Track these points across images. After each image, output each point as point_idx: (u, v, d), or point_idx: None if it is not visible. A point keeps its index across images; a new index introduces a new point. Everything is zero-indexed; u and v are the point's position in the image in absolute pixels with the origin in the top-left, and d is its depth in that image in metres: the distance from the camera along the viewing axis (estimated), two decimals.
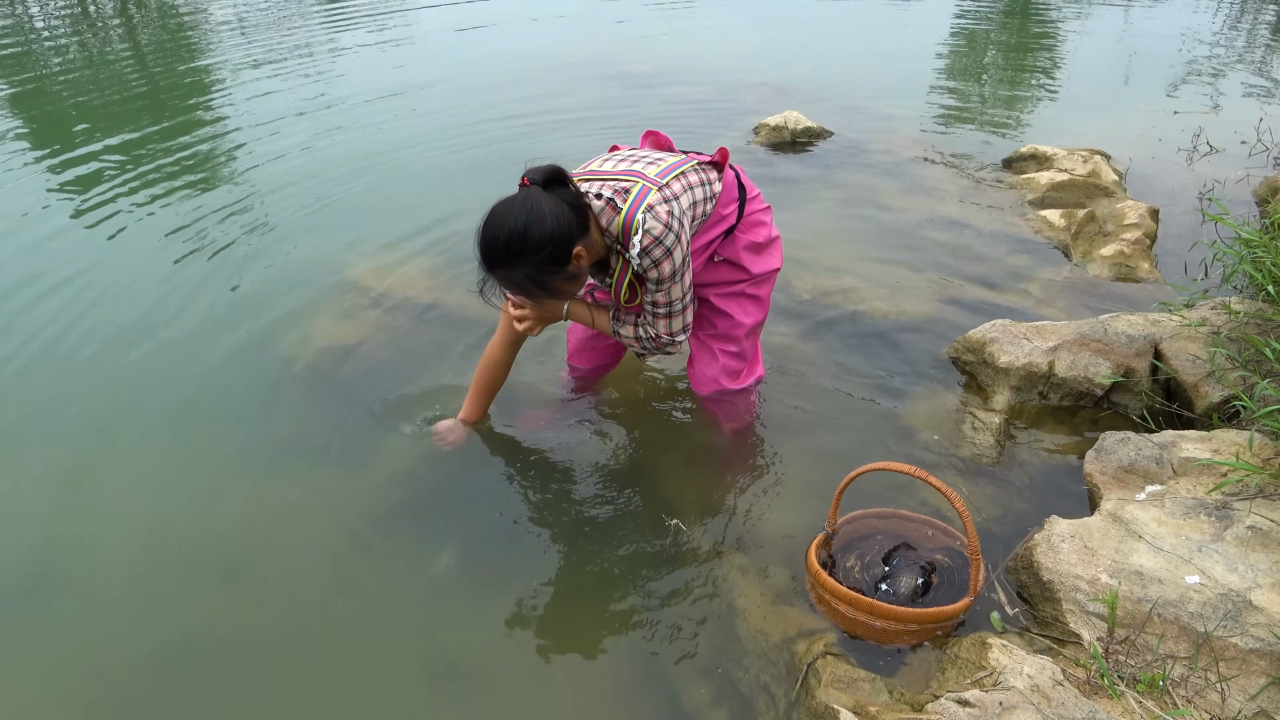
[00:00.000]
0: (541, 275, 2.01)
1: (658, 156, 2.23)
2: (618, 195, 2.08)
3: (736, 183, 2.35)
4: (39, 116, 6.10)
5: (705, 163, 2.27)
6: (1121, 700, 1.69)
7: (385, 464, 2.61)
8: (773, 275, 2.51)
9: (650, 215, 2.04)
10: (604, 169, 2.19)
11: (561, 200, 1.99)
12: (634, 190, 2.08)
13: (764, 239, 2.43)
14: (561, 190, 2.02)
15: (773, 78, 6.68)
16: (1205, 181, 4.52)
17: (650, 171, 2.13)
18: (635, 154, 2.26)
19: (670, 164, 2.18)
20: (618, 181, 2.12)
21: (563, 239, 1.97)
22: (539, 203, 1.94)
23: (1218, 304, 2.83)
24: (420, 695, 1.96)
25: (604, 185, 2.11)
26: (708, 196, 2.24)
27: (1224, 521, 1.99)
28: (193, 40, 8.52)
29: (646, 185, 2.09)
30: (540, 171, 2.01)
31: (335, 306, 3.43)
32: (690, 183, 2.18)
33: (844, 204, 4.37)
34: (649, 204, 2.05)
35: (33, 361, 3.12)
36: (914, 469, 1.91)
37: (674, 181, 2.14)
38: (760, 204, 2.43)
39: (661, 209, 2.05)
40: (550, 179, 2.01)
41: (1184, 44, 7.64)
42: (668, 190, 2.10)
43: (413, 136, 5.48)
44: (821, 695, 1.78)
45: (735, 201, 2.35)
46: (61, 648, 2.07)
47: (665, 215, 2.04)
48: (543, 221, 1.93)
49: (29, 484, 2.56)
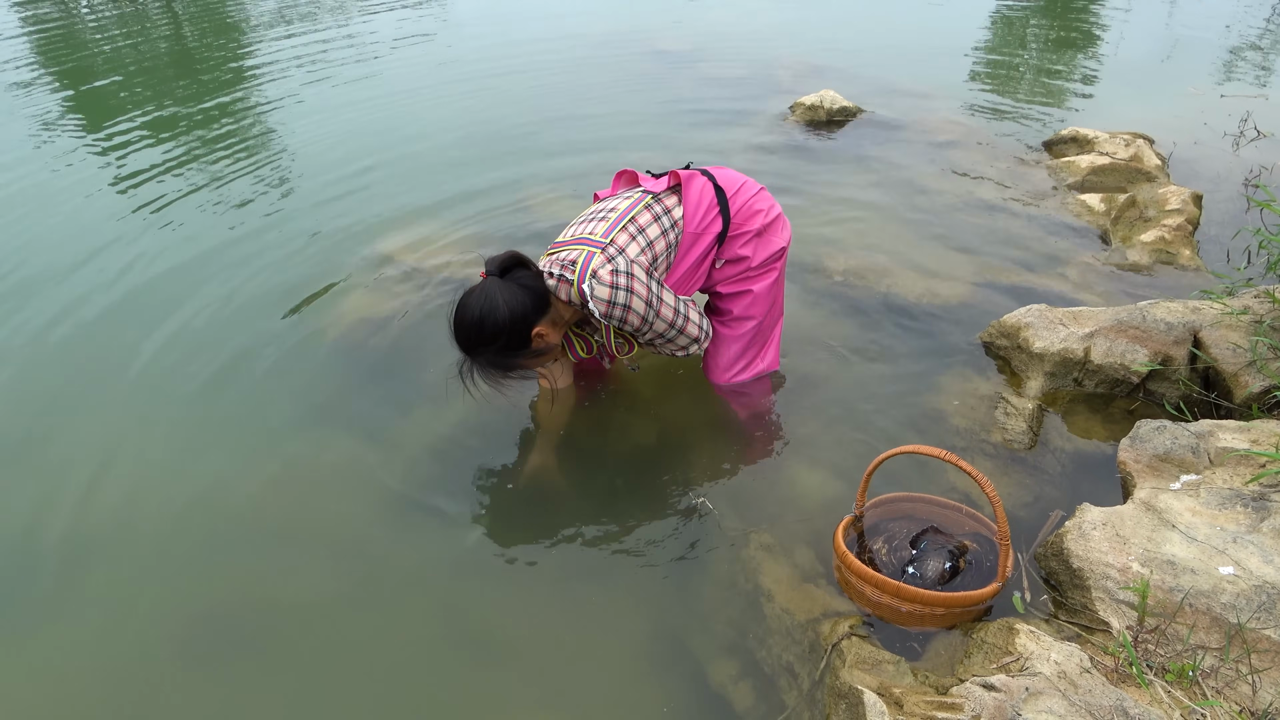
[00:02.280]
0: (504, 359, 2.18)
1: (611, 208, 2.32)
2: (564, 269, 2.20)
3: (712, 189, 2.38)
4: (85, 108, 6.18)
5: (661, 193, 2.36)
6: (1150, 689, 1.67)
7: (416, 437, 2.63)
8: (780, 254, 2.53)
9: (595, 282, 2.15)
10: (563, 239, 2.32)
11: (518, 286, 2.14)
12: (580, 260, 2.19)
13: (760, 225, 2.45)
14: (520, 274, 2.16)
15: (809, 56, 6.61)
16: (1251, 167, 4.42)
17: (597, 232, 2.25)
18: (592, 211, 2.37)
19: (620, 213, 2.28)
20: (565, 253, 2.23)
21: (517, 323, 2.12)
22: (493, 294, 2.10)
23: (1261, 292, 2.77)
24: (449, 664, 1.99)
25: (554, 262, 2.22)
26: (667, 228, 2.32)
27: (1261, 513, 1.96)
28: (231, 18, 8.57)
29: (590, 250, 2.19)
30: (496, 262, 2.17)
31: (368, 280, 3.46)
32: (640, 225, 2.27)
33: (879, 184, 4.32)
34: (593, 269, 2.17)
35: (66, 335, 3.19)
36: (945, 453, 1.89)
37: (619, 235, 2.23)
38: (749, 192, 2.46)
39: (604, 271, 2.16)
40: (506, 265, 2.16)
41: (1233, 25, 7.44)
42: (612, 248, 2.20)
43: (444, 113, 5.49)
44: (845, 676, 1.78)
45: (715, 208, 2.38)
46: (99, 615, 2.12)
47: (609, 276, 2.16)
48: (495, 312, 2.09)
49: (67, 455, 2.62)
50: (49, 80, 6.37)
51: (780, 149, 4.81)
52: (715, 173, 2.43)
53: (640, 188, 2.42)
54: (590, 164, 4.43)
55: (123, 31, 7.81)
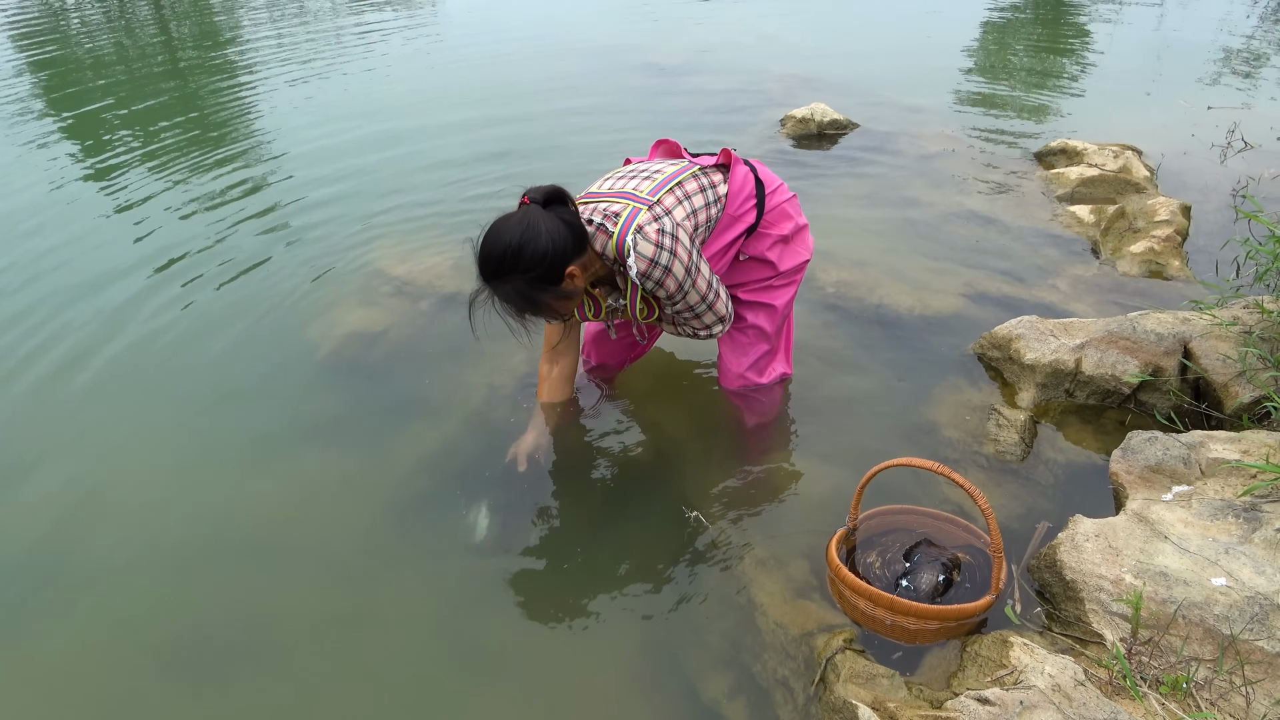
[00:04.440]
0: (533, 291, 2.04)
1: (656, 169, 2.23)
2: (607, 220, 2.10)
3: (753, 179, 2.34)
4: (68, 105, 6.17)
5: (709, 166, 2.27)
6: (1144, 702, 1.67)
7: (409, 451, 2.62)
8: (802, 267, 2.50)
9: (640, 237, 2.06)
10: (600, 190, 2.22)
11: (559, 219, 2.02)
12: (623, 213, 2.09)
13: (790, 230, 2.42)
14: (560, 209, 2.05)
15: (800, 69, 6.64)
16: (1239, 178, 4.45)
17: (643, 189, 2.15)
18: (635, 169, 2.26)
19: (667, 176, 2.19)
20: (608, 204, 2.14)
21: (556, 257, 2.00)
22: (536, 220, 1.98)
23: (1250, 303, 2.79)
24: (440, 679, 1.98)
25: (594, 210, 2.13)
26: (711, 201, 2.24)
27: (1252, 524, 1.97)
28: (220, 23, 8.57)
29: (636, 206, 2.10)
30: (541, 191, 2.05)
31: (359, 293, 3.45)
32: (688, 191, 2.19)
33: (870, 197, 4.34)
34: (638, 224, 2.07)
35: (54, 347, 3.17)
36: (937, 465, 1.90)
37: (666, 196, 2.14)
38: (784, 195, 2.42)
39: (651, 228, 2.06)
40: (550, 198, 2.05)
41: (1219, 37, 7.50)
42: (659, 207, 2.11)
43: (434, 124, 5.50)
44: (840, 690, 1.77)
45: (752, 199, 2.33)
46: (89, 630, 2.11)
47: (655, 234, 2.06)
48: (537, 239, 1.97)
49: (59, 469, 2.60)
50: (28, 73, 6.37)
51: (771, 162, 4.81)
52: (756, 165, 2.39)
53: (684, 159, 2.34)
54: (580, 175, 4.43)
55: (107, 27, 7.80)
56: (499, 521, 2.35)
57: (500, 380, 2.87)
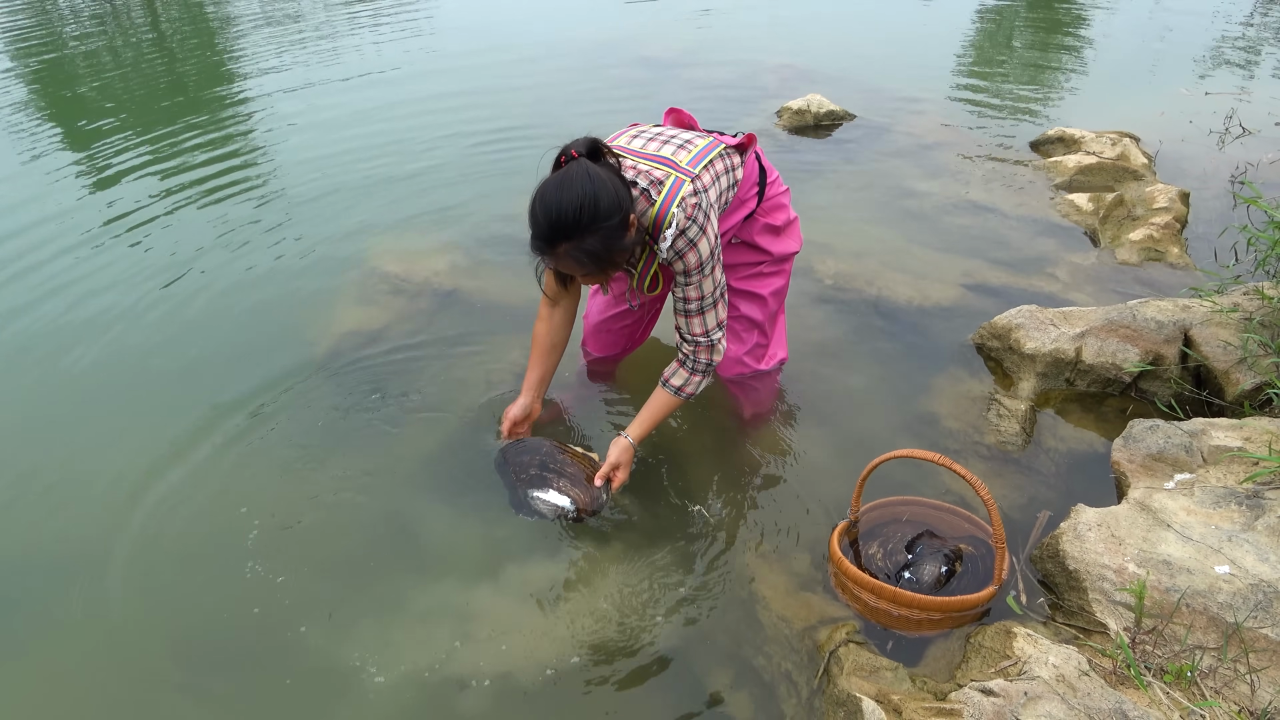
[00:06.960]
0: (611, 243, 1.91)
1: (687, 139, 2.16)
2: (652, 187, 2.03)
3: (758, 166, 2.33)
4: (60, 104, 6.14)
5: (731, 147, 2.23)
6: (1148, 691, 1.67)
7: (408, 449, 2.61)
8: (791, 258, 2.50)
9: (679, 210, 1.99)
10: (634, 147, 2.13)
11: (611, 170, 1.94)
12: (668, 182, 2.02)
13: (782, 222, 2.42)
14: (603, 162, 1.97)
15: (796, 60, 6.62)
16: (1238, 164, 4.43)
17: (682, 159, 2.08)
18: (664, 134, 2.19)
19: (700, 149, 2.13)
20: (651, 168, 2.06)
21: (624, 204, 1.91)
22: (596, 172, 1.88)
23: (1250, 289, 2.78)
24: (440, 679, 1.97)
25: (637, 172, 2.05)
26: (731, 184, 2.21)
27: (1255, 511, 1.96)
28: (214, 24, 8.54)
29: (680, 176, 2.03)
30: (584, 144, 1.95)
31: (356, 291, 3.44)
32: (718, 171, 2.14)
33: (867, 188, 4.33)
34: (682, 197, 2.00)
35: (52, 347, 3.16)
36: (938, 456, 1.89)
37: (704, 172, 2.08)
38: (780, 186, 2.42)
39: (690, 201, 2.00)
40: (592, 151, 1.95)
41: (1216, 23, 7.49)
42: (699, 182, 2.05)
43: (431, 121, 5.47)
44: (843, 683, 1.77)
45: (756, 185, 2.33)
46: (89, 634, 2.10)
47: (692, 208, 2.00)
48: (607, 189, 1.87)
49: (58, 469, 2.59)
50: (21, 76, 6.34)
51: (768, 154, 4.78)
52: (760, 153, 2.36)
53: (702, 132, 2.28)
54: None
55: (100, 30, 7.78)
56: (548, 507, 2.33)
57: (499, 378, 2.86)
